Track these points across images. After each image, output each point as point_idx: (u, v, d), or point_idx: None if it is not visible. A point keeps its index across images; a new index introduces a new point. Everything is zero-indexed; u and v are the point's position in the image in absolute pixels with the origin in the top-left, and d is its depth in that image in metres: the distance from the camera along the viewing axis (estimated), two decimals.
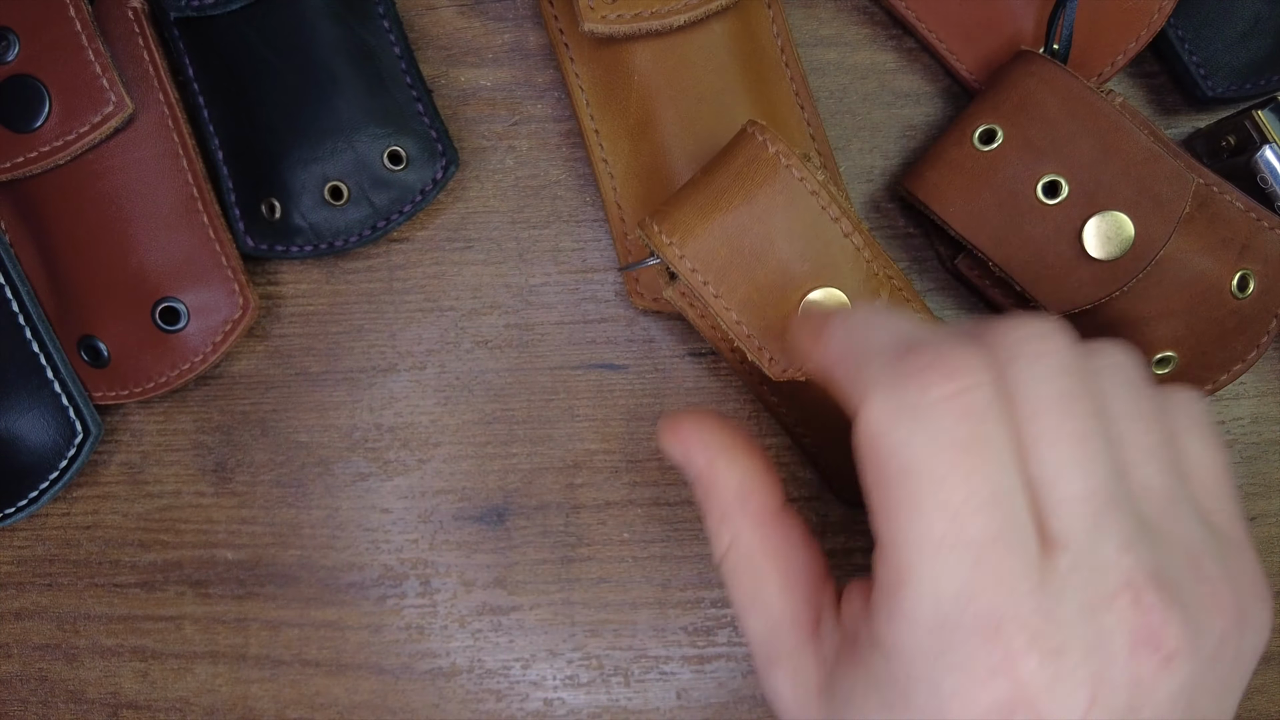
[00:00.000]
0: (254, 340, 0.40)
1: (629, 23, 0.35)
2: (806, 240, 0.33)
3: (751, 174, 0.33)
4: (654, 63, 0.37)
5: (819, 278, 0.33)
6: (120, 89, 0.36)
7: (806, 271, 0.33)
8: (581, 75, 0.38)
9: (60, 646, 0.40)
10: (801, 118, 0.39)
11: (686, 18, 0.35)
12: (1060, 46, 0.36)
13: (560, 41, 0.39)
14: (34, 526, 0.40)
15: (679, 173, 0.37)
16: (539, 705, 0.40)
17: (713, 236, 0.32)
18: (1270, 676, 0.40)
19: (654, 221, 0.33)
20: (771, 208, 0.32)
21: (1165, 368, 0.37)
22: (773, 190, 0.32)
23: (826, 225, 0.33)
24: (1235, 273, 0.35)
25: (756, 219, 0.32)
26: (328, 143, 0.37)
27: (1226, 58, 0.39)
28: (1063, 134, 0.34)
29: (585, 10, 0.35)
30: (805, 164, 0.33)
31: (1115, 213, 0.34)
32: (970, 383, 0.23)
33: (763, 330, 0.33)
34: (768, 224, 0.33)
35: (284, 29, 0.37)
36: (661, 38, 0.36)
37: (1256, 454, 0.40)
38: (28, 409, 0.38)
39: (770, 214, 0.32)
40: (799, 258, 0.33)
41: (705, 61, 0.37)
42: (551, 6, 0.39)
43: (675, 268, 0.33)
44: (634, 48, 0.37)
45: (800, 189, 0.33)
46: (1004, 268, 0.36)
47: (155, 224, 0.37)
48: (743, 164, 0.33)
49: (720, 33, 0.37)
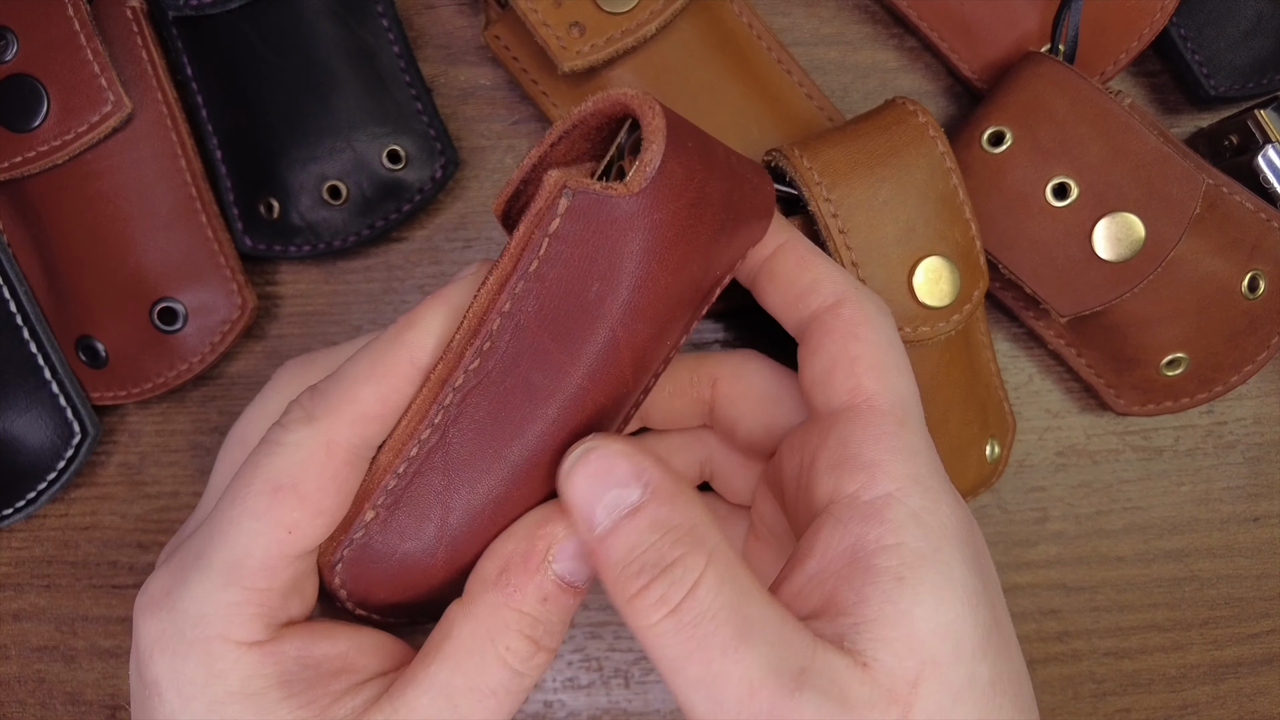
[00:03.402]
0: (252, 340, 0.40)
1: (604, 48, 0.35)
2: (936, 209, 0.33)
3: (900, 133, 0.33)
4: (637, 79, 0.37)
5: (937, 248, 0.33)
6: (119, 88, 0.36)
7: (929, 237, 0.33)
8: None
9: (58, 648, 0.40)
10: (791, 80, 0.39)
11: (658, 24, 0.35)
12: (1066, 47, 0.36)
13: (538, 92, 0.38)
14: (32, 528, 0.40)
15: None
16: (539, 707, 0.40)
17: (854, 174, 0.33)
18: (1271, 677, 0.40)
19: (800, 150, 0.33)
20: (913, 168, 0.33)
21: (1176, 369, 0.37)
22: (917, 153, 0.33)
23: (957, 203, 0.34)
24: (1246, 273, 0.35)
25: (897, 172, 0.33)
26: (326, 142, 0.37)
27: (1229, 57, 0.39)
28: (1072, 136, 0.34)
29: (560, 51, 0.35)
30: (947, 142, 0.33)
31: (1125, 214, 0.34)
32: None
33: (874, 279, 0.33)
34: (906, 181, 0.33)
35: (283, 28, 0.37)
36: (637, 53, 0.36)
37: (1259, 455, 0.40)
38: (25, 409, 0.38)
39: (910, 173, 0.33)
40: (925, 222, 0.33)
41: (686, 59, 0.37)
42: (518, 62, 0.38)
43: (810, 194, 0.33)
44: (612, 74, 0.37)
45: (941, 161, 0.33)
46: (1013, 270, 0.35)
47: (153, 224, 0.37)
48: (892, 122, 0.34)
49: (690, 29, 0.37)
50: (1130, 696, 0.40)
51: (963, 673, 0.23)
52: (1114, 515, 0.40)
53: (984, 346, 0.38)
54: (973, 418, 0.36)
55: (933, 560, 0.24)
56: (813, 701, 0.22)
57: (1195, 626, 0.40)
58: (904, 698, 0.23)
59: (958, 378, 0.36)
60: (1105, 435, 0.40)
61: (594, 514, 0.24)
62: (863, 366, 0.27)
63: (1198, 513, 0.40)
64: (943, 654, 0.23)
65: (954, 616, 0.24)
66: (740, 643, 0.23)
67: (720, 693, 0.22)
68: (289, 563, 0.26)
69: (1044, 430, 0.40)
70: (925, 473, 0.26)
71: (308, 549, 0.26)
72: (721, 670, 0.22)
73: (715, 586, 0.23)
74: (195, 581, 0.25)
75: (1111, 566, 0.40)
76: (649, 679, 0.39)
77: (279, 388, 0.29)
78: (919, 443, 0.27)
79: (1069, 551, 0.40)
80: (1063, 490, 0.40)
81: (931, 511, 0.25)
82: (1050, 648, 0.40)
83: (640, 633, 0.24)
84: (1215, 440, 0.40)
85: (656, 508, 0.24)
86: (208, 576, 0.25)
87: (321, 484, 0.26)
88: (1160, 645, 0.40)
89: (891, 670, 0.23)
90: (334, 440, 0.26)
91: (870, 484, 0.25)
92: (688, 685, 0.23)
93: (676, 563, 0.23)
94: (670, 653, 0.23)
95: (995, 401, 0.38)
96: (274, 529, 0.25)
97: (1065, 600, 0.40)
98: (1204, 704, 0.40)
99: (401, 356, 0.26)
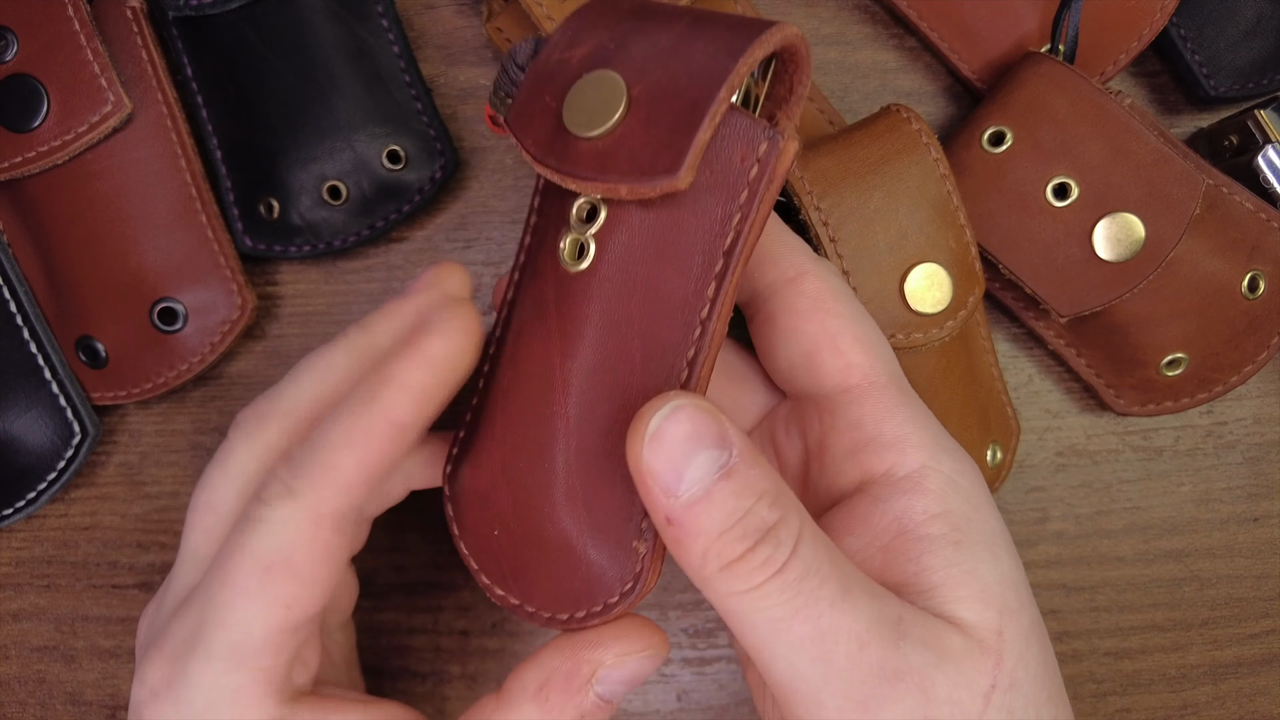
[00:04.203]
0: (252, 341, 0.40)
1: None
2: (928, 216, 0.33)
3: (892, 141, 0.34)
4: None
5: (929, 254, 0.33)
6: (119, 89, 0.36)
7: (921, 244, 0.33)
8: None
9: (58, 648, 0.40)
10: None
11: None
12: (1066, 47, 0.36)
13: None
14: (32, 528, 0.40)
15: None
16: None
17: (845, 183, 0.33)
18: (1271, 677, 0.40)
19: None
20: (905, 176, 0.33)
21: (1176, 369, 0.37)
22: (909, 161, 0.33)
23: (950, 210, 0.34)
24: (1245, 273, 0.35)
25: (888, 180, 0.33)
26: (326, 142, 0.37)
27: (1229, 57, 0.39)
28: (1072, 136, 0.34)
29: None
30: (940, 149, 0.34)
31: (1125, 214, 0.34)
32: None
33: (865, 287, 0.34)
34: (897, 189, 0.33)
35: (283, 28, 0.37)
36: None
37: (1259, 455, 0.40)
38: (26, 409, 0.38)
39: (901, 181, 0.33)
40: (918, 229, 0.33)
41: None
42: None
43: (801, 204, 0.33)
44: None
45: (934, 168, 0.34)
46: (1013, 270, 0.36)
47: (153, 224, 0.37)
48: (885, 130, 0.34)
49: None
50: (1130, 696, 0.40)
51: (1027, 617, 0.25)
52: (1114, 515, 0.40)
53: (985, 351, 0.38)
54: (972, 423, 0.36)
55: (977, 520, 0.25)
56: (916, 651, 0.23)
57: (1195, 626, 0.40)
58: (994, 647, 0.24)
59: (955, 383, 0.36)
60: (1105, 435, 0.40)
61: (681, 478, 0.22)
62: (847, 343, 0.27)
63: (1198, 513, 0.40)
64: (1011, 601, 0.25)
65: (1009, 567, 0.25)
66: (845, 596, 0.23)
67: (831, 649, 0.22)
68: (291, 635, 0.25)
69: (1044, 430, 0.40)
70: (942, 436, 0.27)
71: (308, 618, 0.26)
72: (832, 624, 0.22)
73: (813, 544, 0.23)
74: (198, 671, 0.25)
75: (1111, 567, 0.40)
76: (649, 679, 0.39)
77: (236, 447, 0.28)
78: (923, 408, 0.27)
79: (1069, 552, 0.40)
80: (1063, 490, 0.40)
81: (962, 473, 0.26)
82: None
83: (735, 599, 0.23)
84: (1215, 440, 0.40)
85: (746, 470, 0.23)
86: (211, 664, 0.25)
87: (313, 557, 0.25)
88: (1160, 645, 0.40)
89: (975, 624, 0.24)
90: (320, 512, 0.25)
91: (902, 460, 0.26)
92: (792, 646, 0.23)
93: (779, 524, 0.23)
94: (774, 613, 0.22)
95: (997, 406, 0.38)
96: (272, 607, 0.25)
97: (1065, 600, 0.40)
98: (1204, 704, 0.40)
99: (379, 418, 0.25)
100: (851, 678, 0.22)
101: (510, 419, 0.27)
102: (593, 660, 0.26)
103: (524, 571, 0.27)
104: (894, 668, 0.22)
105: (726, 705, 0.40)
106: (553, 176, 0.24)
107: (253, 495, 0.26)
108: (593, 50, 0.25)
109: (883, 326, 0.33)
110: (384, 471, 0.26)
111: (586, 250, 0.25)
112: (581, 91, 0.24)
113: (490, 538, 0.27)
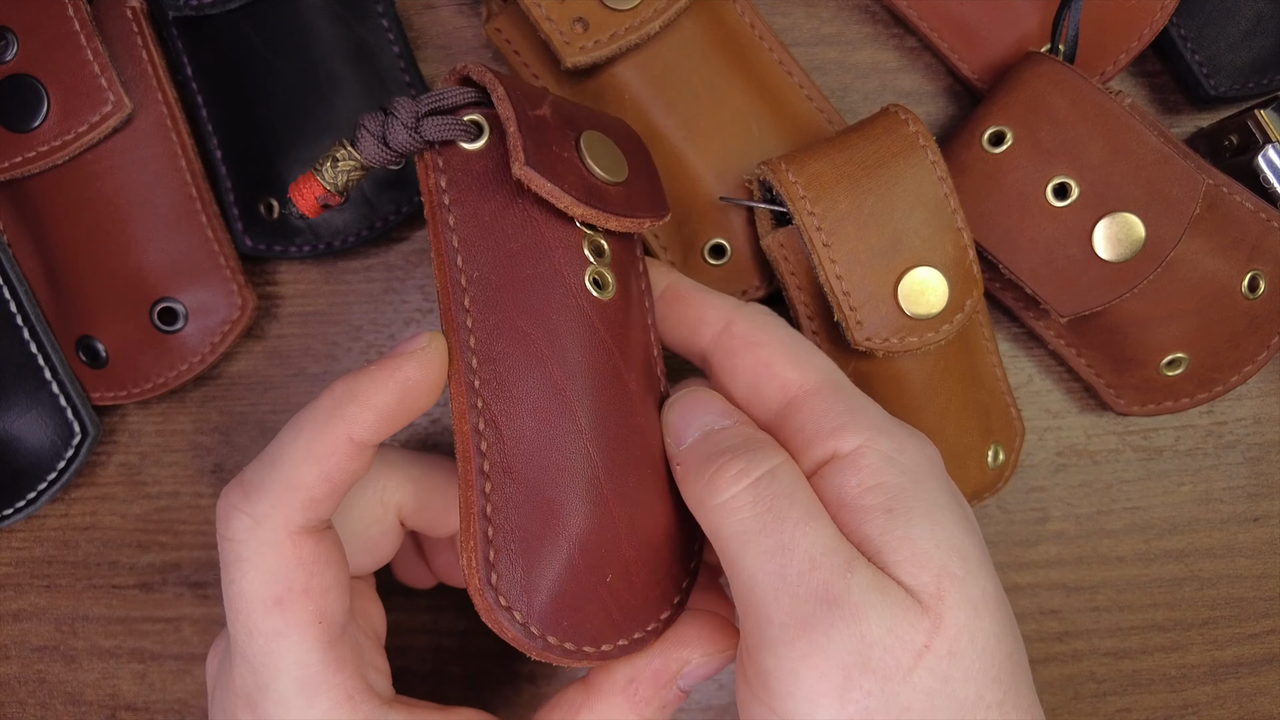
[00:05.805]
0: (252, 341, 0.40)
1: (608, 45, 0.35)
2: (924, 219, 0.33)
3: (889, 143, 0.34)
4: (639, 76, 0.37)
5: (924, 258, 0.33)
6: (119, 89, 0.36)
7: (916, 247, 0.33)
8: None
9: (58, 648, 0.40)
10: (792, 82, 0.39)
11: (661, 22, 0.35)
12: (1066, 47, 0.36)
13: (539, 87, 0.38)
14: (32, 528, 0.40)
15: (697, 171, 0.37)
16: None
17: (839, 187, 0.33)
18: (1271, 677, 0.40)
19: (785, 164, 0.34)
20: (900, 178, 0.33)
21: (1176, 369, 0.37)
22: (906, 163, 0.33)
23: (946, 213, 0.34)
24: (1246, 273, 0.35)
25: (883, 183, 0.33)
26: (326, 142, 0.37)
27: (1229, 56, 0.39)
28: (1072, 136, 0.34)
29: (563, 47, 0.35)
30: (937, 151, 0.34)
31: (1125, 214, 0.34)
32: None
33: (858, 290, 0.33)
34: (893, 192, 0.33)
35: (283, 28, 0.37)
36: (639, 51, 0.36)
37: (1259, 455, 0.40)
38: (26, 410, 0.38)
39: (897, 183, 0.33)
40: (913, 232, 0.33)
41: (688, 58, 0.37)
42: (519, 55, 0.38)
43: (794, 208, 0.33)
44: (615, 71, 0.37)
45: (930, 170, 0.33)
46: (1013, 270, 0.35)
47: (153, 224, 0.37)
48: (881, 132, 0.34)
49: (692, 28, 0.37)
50: (1130, 696, 0.40)
51: (976, 588, 0.25)
52: (1114, 515, 0.40)
53: (987, 352, 0.38)
54: (972, 424, 0.36)
55: (915, 491, 0.26)
56: (860, 587, 0.24)
57: (1195, 626, 0.40)
58: (934, 608, 0.24)
59: (954, 384, 0.36)
60: (1105, 435, 0.40)
61: (686, 431, 0.29)
62: (780, 365, 0.29)
63: (1198, 513, 0.40)
64: (954, 566, 0.25)
65: (952, 533, 0.26)
66: (809, 521, 0.25)
67: (787, 563, 0.25)
68: (341, 643, 0.26)
69: (1044, 430, 0.40)
70: (883, 421, 0.28)
71: (342, 623, 0.27)
72: (792, 540, 0.25)
73: (790, 476, 0.26)
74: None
75: (1112, 566, 0.40)
76: None
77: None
78: (864, 400, 0.29)
79: (1069, 551, 0.40)
80: (1063, 490, 0.40)
81: (901, 452, 0.27)
82: (1050, 648, 0.40)
83: (716, 510, 0.26)
84: (1215, 440, 0.40)
85: (738, 427, 0.28)
86: (289, 710, 0.26)
87: (306, 568, 0.26)
88: (1160, 645, 0.40)
89: (913, 588, 0.25)
90: (292, 530, 0.26)
91: (842, 445, 0.27)
92: (759, 555, 0.25)
93: (757, 447, 0.27)
94: (746, 525, 0.26)
95: (1000, 407, 0.38)
96: (306, 632, 0.26)
97: (1065, 600, 0.40)
98: (1204, 704, 0.40)
99: (340, 434, 0.26)
100: (798, 593, 0.24)
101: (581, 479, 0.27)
102: (681, 658, 0.29)
103: (638, 604, 0.28)
104: (836, 593, 0.24)
105: (727, 705, 0.40)
106: (593, 217, 0.28)
107: (219, 534, 0.27)
108: (563, 115, 0.29)
109: (877, 330, 0.33)
110: (345, 487, 0.26)
111: (605, 281, 0.29)
112: (591, 146, 0.29)
113: (604, 586, 0.27)
